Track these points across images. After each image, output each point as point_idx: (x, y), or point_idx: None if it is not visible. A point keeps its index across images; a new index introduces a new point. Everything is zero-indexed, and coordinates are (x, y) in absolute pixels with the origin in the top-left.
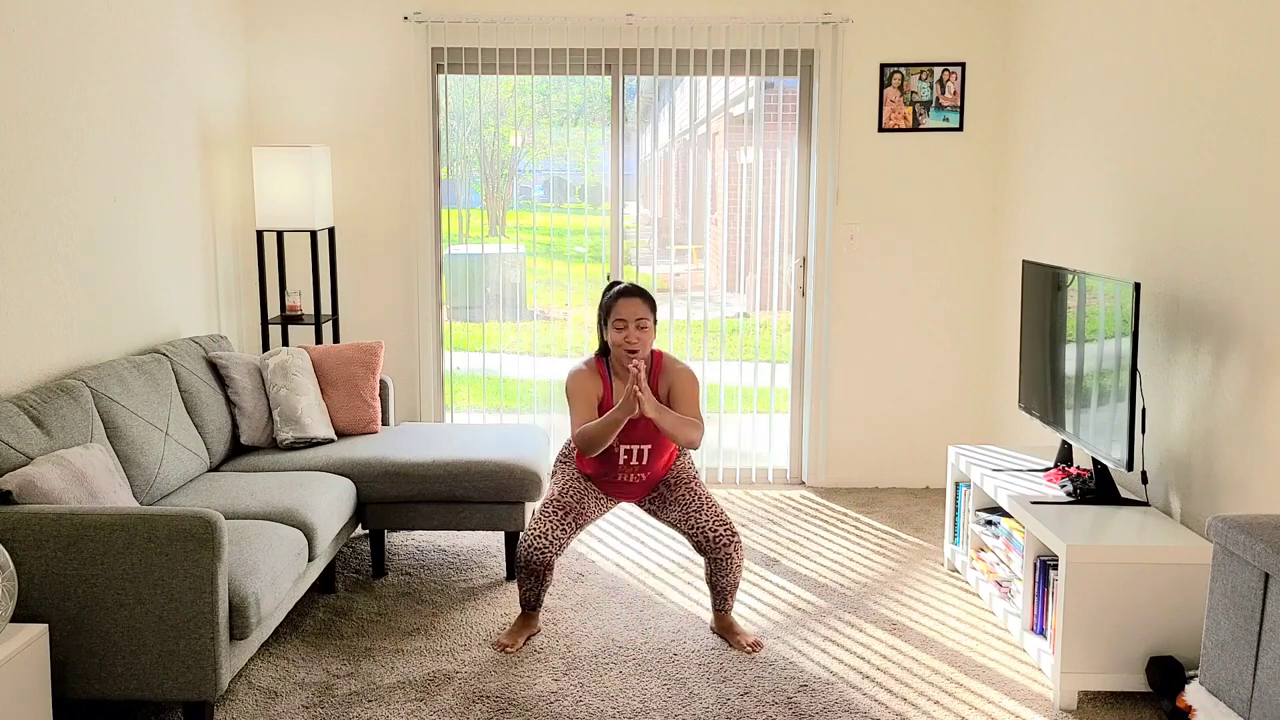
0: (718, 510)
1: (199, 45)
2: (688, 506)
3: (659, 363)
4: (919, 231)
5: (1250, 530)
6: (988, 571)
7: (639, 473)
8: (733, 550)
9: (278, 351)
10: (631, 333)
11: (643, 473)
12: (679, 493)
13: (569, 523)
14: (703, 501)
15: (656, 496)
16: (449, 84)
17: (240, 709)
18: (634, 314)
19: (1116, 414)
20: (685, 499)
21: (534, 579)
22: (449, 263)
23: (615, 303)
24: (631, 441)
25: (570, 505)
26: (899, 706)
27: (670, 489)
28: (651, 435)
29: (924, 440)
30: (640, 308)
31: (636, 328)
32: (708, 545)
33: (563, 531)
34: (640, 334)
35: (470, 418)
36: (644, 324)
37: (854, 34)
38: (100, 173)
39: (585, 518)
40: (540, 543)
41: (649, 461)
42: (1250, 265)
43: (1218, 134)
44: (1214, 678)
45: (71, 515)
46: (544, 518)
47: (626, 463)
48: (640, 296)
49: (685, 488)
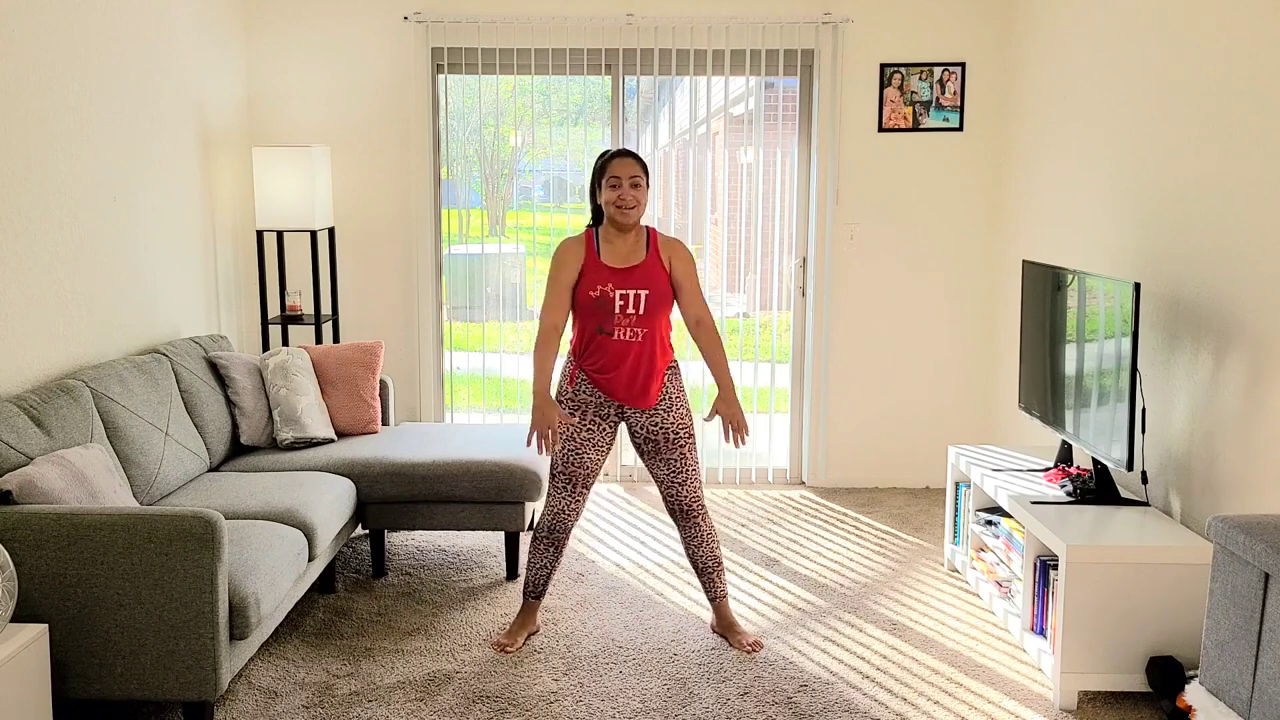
0: (696, 486)
1: (199, 45)
2: (675, 472)
3: (654, 236)
4: (919, 231)
5: (1250, 530)
6: (988, 571)
7: (636, 326)
8: (700, 519)
9: (278, 351)
10: (625, 191)
11: (640, 326)
12: (672, 454)
13: (578, 492)
14: (689, 474)
15: (650, 441)
16: (449, 84)
17: (240, 709)
18: (628, 172)
19: (1116, 414)
20: (674, 463)
21: (554, 550)
22: (449, 263)
23: (610, 162)
24: (628, 286)
25: (574, 473)
26: (899, 706)
27: (669, 444)
28: (648, 281)
29: (924, 440)
30: (634, 167)
31: (630, 185)
32: (679, 513)
33: (576, 500)
34: (634, 192)
35: (470, 418)
36: (638, 182)
37: (854, 34)
38: (100, 173)
39: (591, 474)
40: (561, 514)
41: (646, 311)
42: (1250, 265)
43: (1218, 134)
44: (1214, 678)
45: (71, 515)
46: (554, 492)
47: (623, 309)
48: (634, 158)
49: (679, 451)
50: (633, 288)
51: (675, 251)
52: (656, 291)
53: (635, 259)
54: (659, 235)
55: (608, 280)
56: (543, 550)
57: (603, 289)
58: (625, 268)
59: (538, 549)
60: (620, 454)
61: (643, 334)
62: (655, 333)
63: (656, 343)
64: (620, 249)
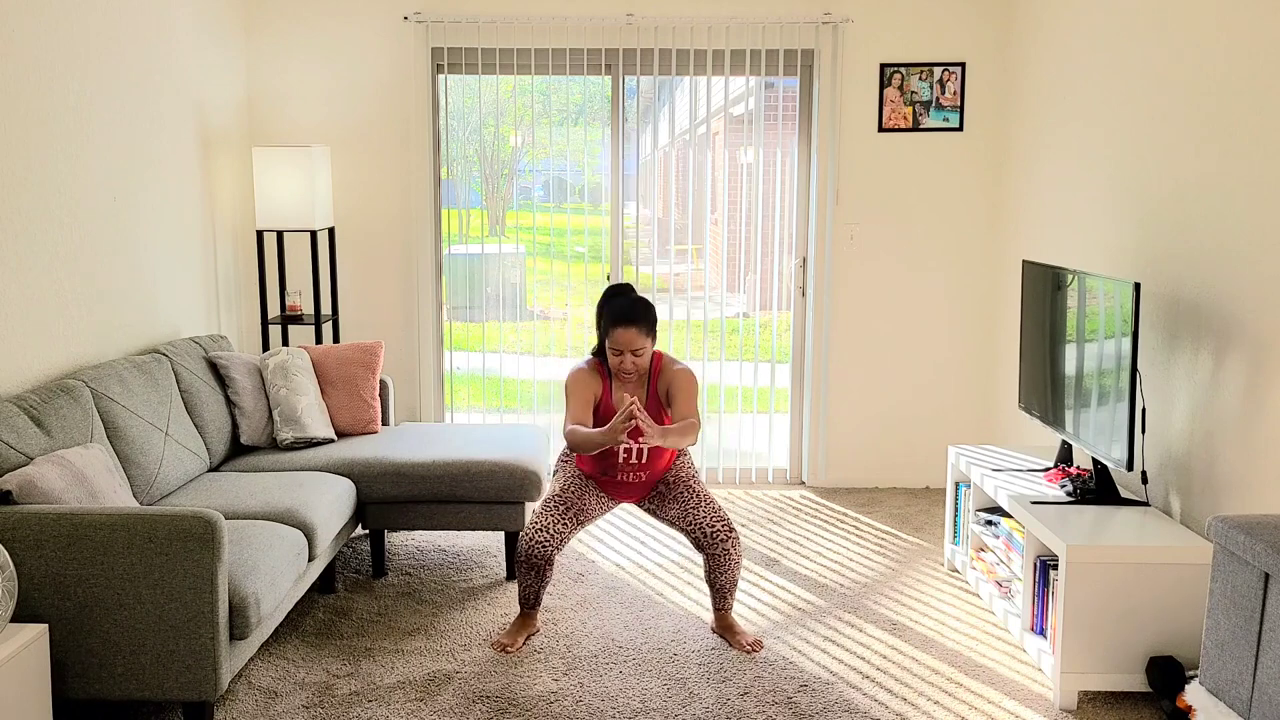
0: (715, 507)
1: (199, 45)
2: (686, 503)
3: (658, 364)
4: (919, 231)
5: (1250, 530)
6: (988, 571)
7: (638, 471)
8: (730, 546)
9: (278, 351)
10: (627, 360)
11: (642, 471)
12: (677, 490)
13: (570, 518)
14: (701, 498)
15: (656, 495)
16: (449, 84)
17: (240, 709)
18: (629, 344)
19: (1116, 414)
20: (684, 496)
21: (534, 574)
22: (449, 263)
23: (612, 330)
24: (632, 438)
25: (572, 501)
26: (899, 706)
27: (670, 487)
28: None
29: (924, 440)
30: (636, 338)
31: (633, 356)
32: (705, 541)
33: (564, 526)
34: (636, 361)
35: (470, 418)
36: (640, 353)
37: (854, 34)
38: (100, 173)
39: (586, 515)
40: (541, 536)
41: (648, 461)
42: (1250, 265)
43: (1218, 134)
44: (1214, 678)
45: (71, 515)
46: (545, 512)
47: (626, 461)
48: (636, 324)
49: (684, 485)
50: (636, 440)
51: (674, 382)
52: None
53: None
54: (663, 365)
55: None
56: (525, 572)
57: None
58: None
59: (520, 570)
60: None
61: (646, 475)
62: (658, 469)
63: (660, 472)
64: (628, 386)
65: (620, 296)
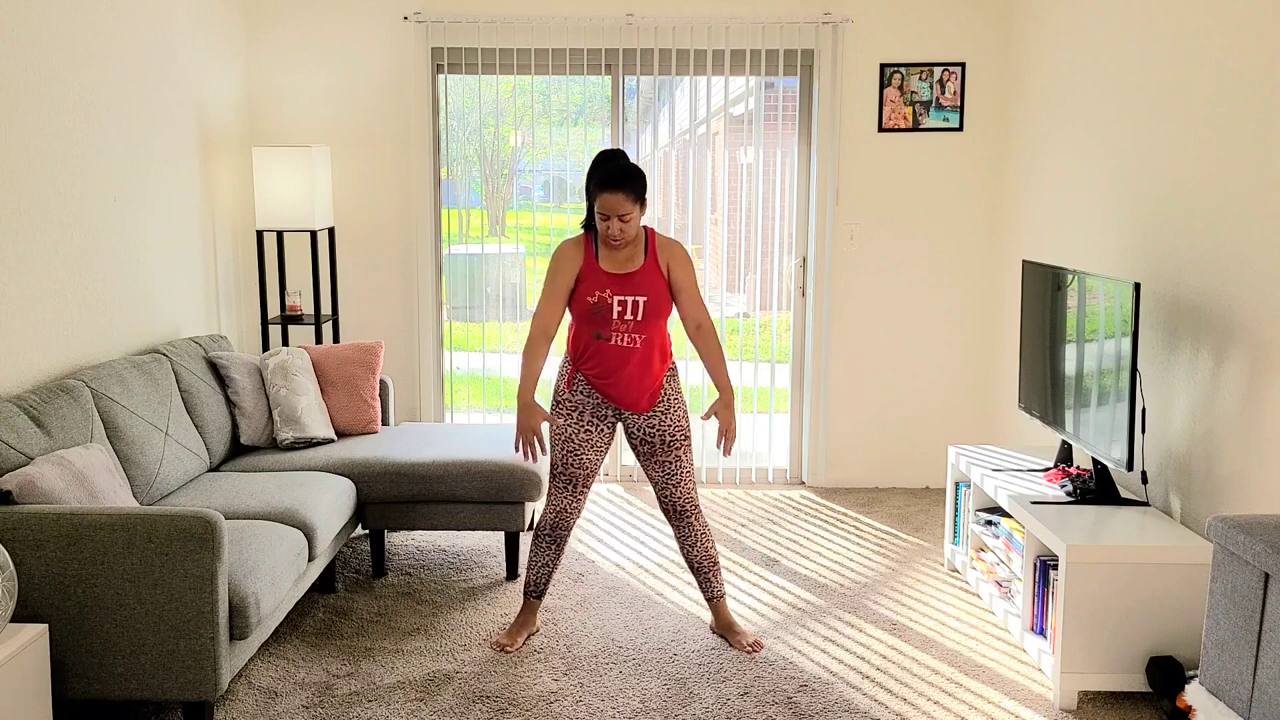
0: (690, 487)
1: (199, 45)
2: (670, 474)
3: (652, 239)
4: (919, 231)
5: (1250, 530)
6: (988, 571)
7: (634, 332)
8: (694, 519)
9: (278, 351)
10: (614, 226)
11: (638, 333)
12: (668, 457)
13: (578, 491)
14: (683, 476)
15: (648, 444)
16: (449, 84)
17: (240, 709)
18: (616, 209)
19: (1116, 414)
20: (670, 465)
21: (555, 548)
22: (449, 263)
23: (600, 194)
24: (626, 292)
25: (573, 474)
26: (899, 706)
27: (665, 447)
28: (646, 288)
29: (924, 440)
30: (623, 203)
31: (620, 221)
32: (673, 513)
33: (576, 499)
34: (623, 226)
35: (470, 418)
36: (627, 219)
37: (854, 34)
38: (100, 173)
39: (590, 474)
40: (562, 514)
41: (644, 317)
42: (1250, 265)
43: (1218, 134)
44: (1214, 678)
45: (71, 515)
46: (554, 492)
47: (620, 315)
48: (624, 189)
49: (674, 454)
50: (630, 294)
51: (674, 255)
52: (654, 297)
53: (633, 264)
54: (657, 238)
55: (605, 286)
56: (544, 549)
57: (600, 295)
58: (623, 274)
59: (539, 547)
60: (620, 454)
61: (640, 340)
62: (653, 338)
63: (655, 348)
64: (618, 255)
65: (610, 162)
